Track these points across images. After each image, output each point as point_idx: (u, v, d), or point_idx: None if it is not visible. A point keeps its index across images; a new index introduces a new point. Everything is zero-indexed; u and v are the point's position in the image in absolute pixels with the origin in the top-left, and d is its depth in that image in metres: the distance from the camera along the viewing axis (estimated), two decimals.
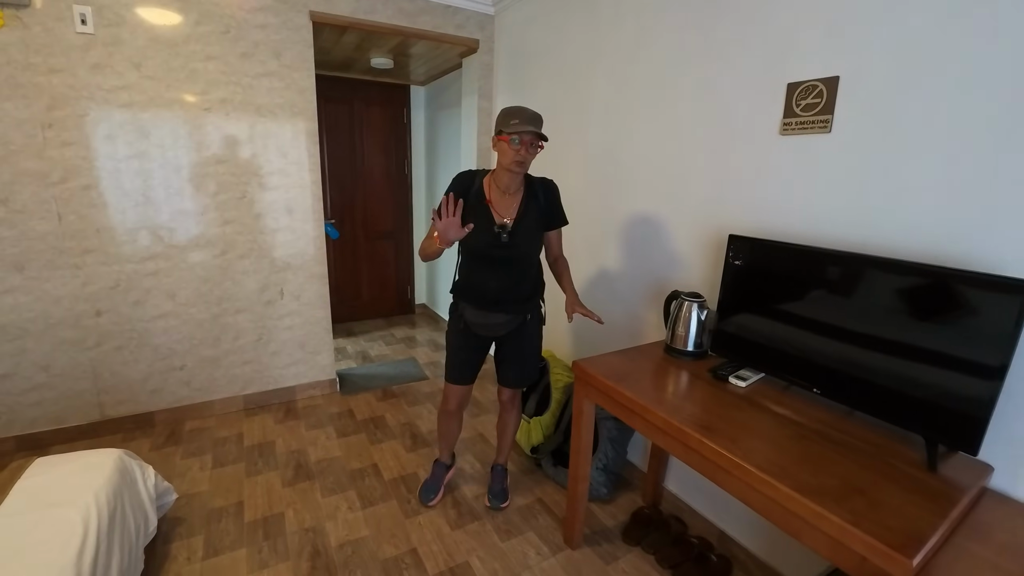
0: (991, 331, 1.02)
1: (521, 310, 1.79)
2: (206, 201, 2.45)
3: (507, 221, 1.64)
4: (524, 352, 1.86)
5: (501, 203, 1.66)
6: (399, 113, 4.21)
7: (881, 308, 1.21)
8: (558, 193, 1.77)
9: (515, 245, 1.65)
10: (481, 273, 1.72)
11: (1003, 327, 1.00)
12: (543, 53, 2.60)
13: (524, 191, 1.69)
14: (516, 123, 1.52)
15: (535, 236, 1.72)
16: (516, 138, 1.52)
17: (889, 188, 1.27)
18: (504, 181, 1.64)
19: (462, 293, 1.79)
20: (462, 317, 1.79)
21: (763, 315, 1.49)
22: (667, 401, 1.39)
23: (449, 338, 1.88)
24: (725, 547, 1.81)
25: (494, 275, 1.70)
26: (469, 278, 1.76)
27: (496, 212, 1.65)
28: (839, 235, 1.37)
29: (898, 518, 0.94)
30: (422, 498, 2.03)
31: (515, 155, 1.54)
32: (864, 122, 1.30)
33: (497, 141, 1.58)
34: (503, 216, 1.65)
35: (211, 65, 2.33)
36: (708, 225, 1.77)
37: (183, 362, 2.58)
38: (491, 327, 1.78)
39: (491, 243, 1.64)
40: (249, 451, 2.38)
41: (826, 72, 1.36)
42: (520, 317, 1.79)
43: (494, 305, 1.74)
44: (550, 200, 1.74)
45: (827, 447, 1.17)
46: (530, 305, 1.81)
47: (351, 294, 4.34)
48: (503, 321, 1.77)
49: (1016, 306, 0.98)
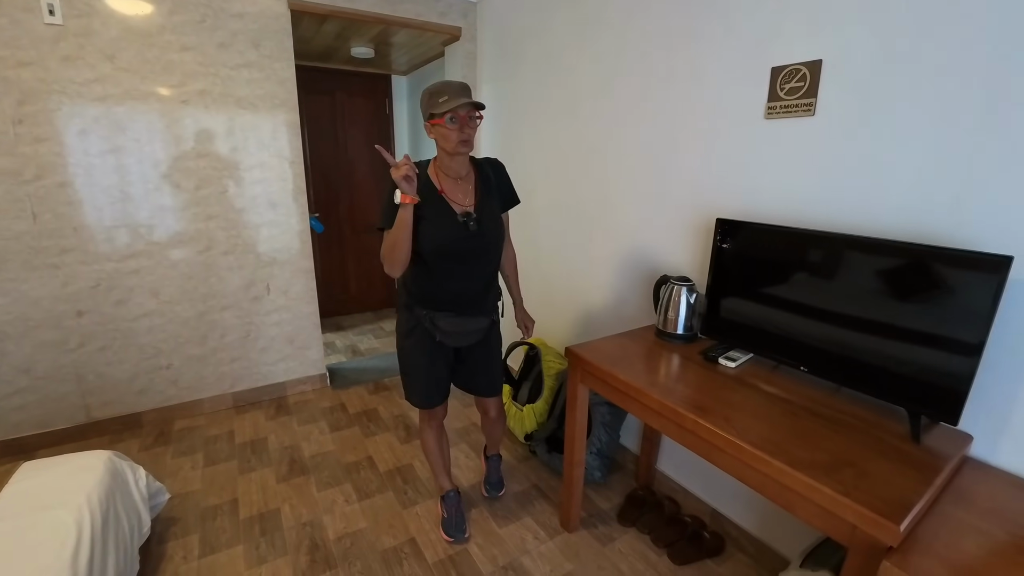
0: (970, 307, 1.06)
1: (493, 311, 1.67)
2: (187, 196, 2.40)
3: (469, 208, 1.49)
4: (493, 355, 1.74)
5: (456, 191, 1.50)
6: (382, 104, 4.15)
7: (864, 287, 1.25)
8: (506, 171, 1.65)
9: (485, 232, 1.50)
10: (451, 273, 1.52)
11: (981, 302, 1.04)
12: (528, 40, 2.58)
13: (476, 173, 1.56)
14: (445, 100, 1.34)
15: (500, 220, 1.59)
16: (451, 117, 1.36)
17: (872, 169, 1.29)
18: (452, 167, 1.48)
19: (429, 301, 1.56)
20: (435, 328, 1.57)
21: (751, 297, 1.52)
22: (661, 384, 1.42)
23: (412, 358, 1.64)
24: (718, 524, 1.86)
25: (467, 272, 1.53)
26: (438, 282, 1.53)
27: (453, 201, 1.48)
28: (824, 216, 1.40)
29: (886, 487, 0.97)
30: (455, 534, 1.80)
31: (458, 135, 1.38)
32: (847, 105, 1.32)
33: (432, 127, 1.41)
34: (462, 204, 1.49)
35: (187, 56, 2.27)
36: (696, 209, 1.79)
37: (169, 361, 2.54)
38: (469, 334, 1.61)
39: (459, 236, 1.46)
40: (241, 448, 2.36)
41: (809, 56, 1.38)
42: (491, 320, 1.67)
43: (473, 308, 1.59)
44: (500, 179, 1.62)
45: (817, 423, 1.20)
46: (496, 304, 1.69)
47: (338, 288, 4.30)
48: (482, 327, 1.64)
49: (993, 282, 1.02)
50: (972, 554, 0.88)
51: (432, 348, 1.62)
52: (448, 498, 1.87)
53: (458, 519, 1.84)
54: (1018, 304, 1.08)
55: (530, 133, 2.66)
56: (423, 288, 1.56)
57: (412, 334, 1.62)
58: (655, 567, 1.71)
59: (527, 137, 2.69)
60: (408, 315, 1.61)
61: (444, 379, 1.70)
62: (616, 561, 1.73)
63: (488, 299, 1.64)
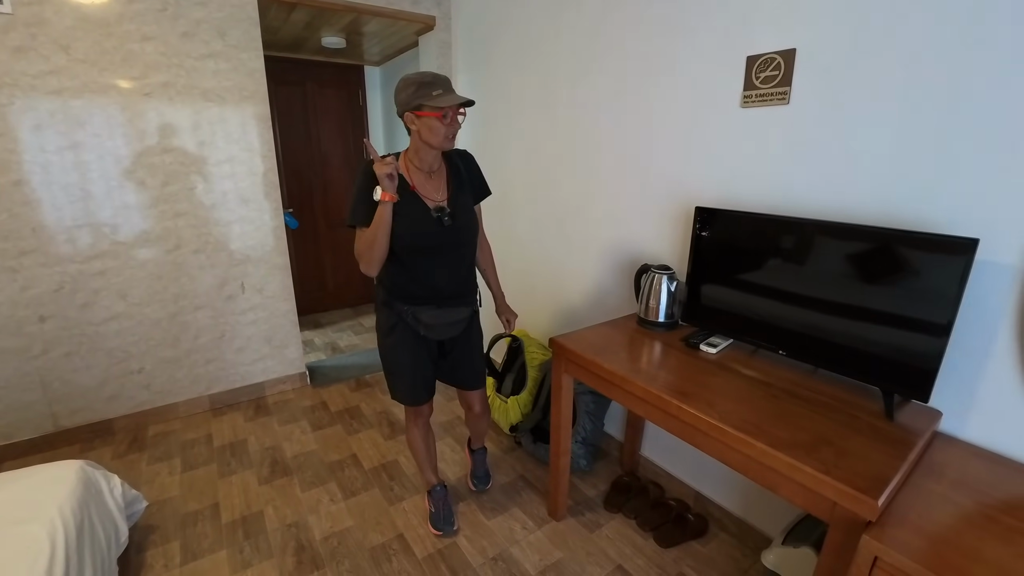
0: (938, 288, 1.10)
1: (472, 301, 1.66)
2: (153, 194, 2.31)
3: (442, 203, 1.48)
4: (475, 347, 1.72)
5: (427, 186, 1.47)
6: (354, 95, 4.06)
7: (838, 271, 1.28)
8: (476, 162, 1.63)
9: (459, 227, 1.49)
10: (427, 267, 1.50)
11: (949, 284, 1.08)
12: (503, 30, 2.55)
13: (447, 167, 1.54)
14: (440, 94, 1.33)
15: (472, 213, 1.57)
16: (449, 113, 1.35)
17: (844, 156, 1.33)
18: (427, 161, 1.46)
19: (408, 297, 1.54)
20: (418, 323, 1.55)
21: (730, 284, 1.55)
22: (644, 371, 1.43)
23: (397, 354, 1.61)
24: (701, 506, 1.90)
25: (442, 266, 1.52)
26: (415, 277, 1.51)
27: (425, 196, 1.46)
28: (800, 203, 1.43)
29: (863, 464, 1.01)
30: (443, 527, 1.81)
31: (447, 130, 1.37)
32: (820, 93, 1.35)
33: (417, 118, 1.36)
34: (434, 199, 1.47)
35: (149, 46, 2.17)
36: (675, 198, 1.80)
37: (141, 365, 2.45)
38: (451, 326, 1.61)
39: (433, 231, 1.45)
40: (220, 451, 2.31)
41: (783, 45, 1.40)
42: (471, 309, 1.66)
43: (452, 299, 1.58)
44: (471, 171, 1.59)
45: (796, 404, 1.24)
46: (475, 293, 1.67)
47: (316, 285, 4.22)
48: (464, 317, 1.63)
49: (960, 264, 1.06)
50: (944, 524, 0.92)
51: (415, 344, 1.60)
52: (435, 492, 1.86)
53: (446, 512, 1.84)
54: (984, 284, 1.12)
55: (506, 123, 2.64)
56: (401, 284, 1.54)
57: (393, 331, 1.59)
58: (642, 551, 1.74)
59: (503, 127, 2.67)
60: (388, 312, 1.58)
61: (429, 375, 1.69)
62: (604, 547, 1.76)
63: (466, 290, 1.63)
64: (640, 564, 1.69)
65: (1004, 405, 1.14)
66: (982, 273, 1.12)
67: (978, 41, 1.08)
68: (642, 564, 1.69)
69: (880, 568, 0.88)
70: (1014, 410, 1.13)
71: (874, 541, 0.87)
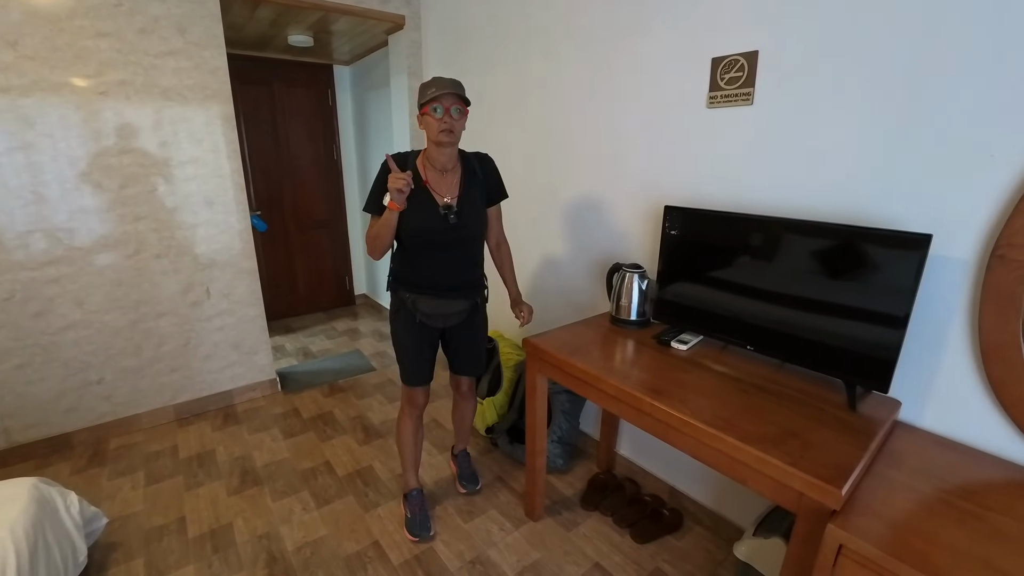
0: (895, 282, 1.14)
1: (474, 295, 1.71)
2: (111, 196, 2.21)
3: (450, 201, 1.54)
4: (477, 338, 1.79)
5: (440, 183, 1.55)
6: (324, 95, 3.99)
7: (801, 267, 1.31)
8: (495, 165, 1.70)
9: (463, 226, 1.56)
10: (431, 260, 1.59)
11: (905, 278, 1.12)
12: (475, 29, 2.54)
13: (462, 168, 1.61)
14: (433, 91, 1.42)
15: (481, 214, 1.64)
16: (437, 107, 1.42)
17: (806, 155, 1.36)
18: (439, 159, 1.53)
19: (411, 284, 1.63)
20: (416, 310, 1.63)
21: (699, 281, 1.57)
22: (617, 369, 1.44)
23: (399, 337, 1.70)
24: (676, 501, 1.93)
25: (445, 260, 1.60)
26: (418, 267, 1.61)
27: (436, 193, 1.54)
28: (765, 201, 1.47)
29: (828, 454, 1.03)
30: (420, 533, 1.78)
31: (439, 124, 1.44)
32: (782, 94, 1.38)
33: (421, 117, 1.49)
34: (444, 196, 1.55)
35: (104, 43, 2.09)
36: (646, 198, 1.83)
37: (100, 375, 2.35)
38: (448, 316, 1.67)
39: (439, 227, 1.53)
40: (186, 463, 2.23)
41: (747, 47, 1.43)
42: (472, 303, 1.71)
43: (450, 292, 1.64)
44: (488, 173, 1.66)
45: (764, 398, 1.26)
46: (480, 288, 1.74)
47: (286, 289, 4.13)
48: (462, 309, 1.68)
49: (915, 258, 1.10)
50: (905, 510, 0.95)
51: (416, 328, 1.68)
52: (412, 497, 1.85)
53: (422, 518, 1.82)
54: (938, 278, 1.17)
55: (477, 123, 2.63)
56: (406, 272, 1.64)
57: (398, 315, 1.69)
58: (618, 547, 1.75)
59: (474, 127, 2.66)
60: (395, 298, 1.69)
61: (429, 359, 1.74)
62: (581, 545, 1.76)
63: (467, 284, 1.68)
64: (617, 561, 1.70)
65: (958, 394, 1.19)
66: (936, 268, 1.16)
67: (931, 44, 1.12)
68: (619, 561, 1.70)
69: (845, 555, 0.90)
70: (968, 398, 1.18)
71: (839, 529, 0.90)
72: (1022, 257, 1.03)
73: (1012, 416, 1.11)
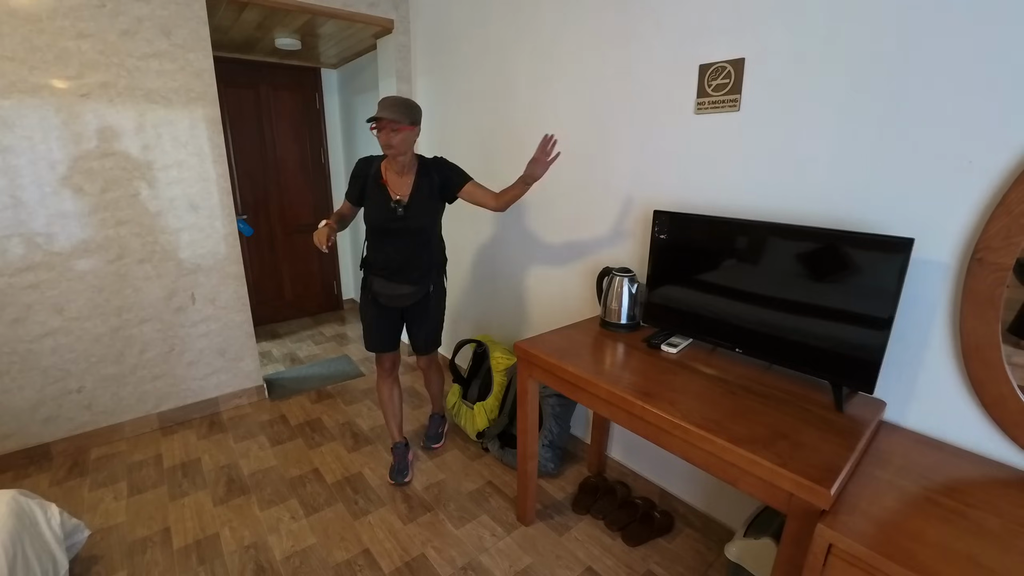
0: (879, 285, 1.16)
1: (422, 280, 1.96)
2: (92, 200, 2.17)
3: (401, 198, 1.83)
4: (429, 320, 2.05)
5: (397, 183, 1.85)
6: (311, 98, 3.96)
7: (787, 270, 1.34)
8: (447, 163, 1.92)
9: (409, 217, 1.83)
10: (383, 245, 1.90)
11: (888, 280, 1.14)
12: (463, 34, 2.55)
13: (417, 171, 1.87)
14: (373, 115, 1.72)
15: (429, 210, 1.89)
16: (375, 129, 1.74)
17: (791, 161, 1.39)
18: (393, 164, 1.84)
19: (370, 266, 1.97)
20: (371, 288, 1.97)
21: (687, 285, 1.59)
22: (608, 373, 1.45)
23: (363, 311, 2.05)
24: (667, 503, 1.94)
25: (393, 246, 1.89)
26: (374, 251, 1.93)
27: (392, 191, 1.84)
28: (751, 205, 1.49)
29: (816, 455, 1.05)
30: (396, 478, 2.09)
31: (379, 140, 1.75)
32: (768, 100, 1.41)
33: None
34: (397, 194, 1.84)
35: (85, 44, 2.05)
36: (635, 202, 1.84)
37: (81, 383, 2.30)
38: (397, 298, 1.96)
39: (388, 217, 1.83)
40: (171, 472, 2.18)
41: (733, 54, 1.45)
42: (424, 289, 1.97)
43: (398, 275, 1.92)
44: (440, 171, 1.89)
45: (753, 400, 1.28)
46: (431, 277, 1.99)
47: (273, 294, 4.08)
48: (408, 292, 1.95)
49: (898, 261, 1.13)
50: (892, 509, 0.97)
51: (373, 303, 2.00)
52: (397, 448, 2.16)
53: (402, 466, 2.12)
54: (920, 281, 1.20)
55: (466, 127, 2.64)
56: (368, 256, 1.97)
57: (363, 292, 2.03)
58: (610, 550, 1.76)
59: (463, 131, 2.67)
60: (364, 276, 2.01)
61: (387, 331, 2.05)
62: (573, 549, 1.76)
63: (413, 269, 1.93)
64: (609, 564, 1.70)
65: (941, 394, 1.22)
66: (918, 271, 1.19)
67: (909, 52, 1.15)
68: (611, 564, 1.70)
69: (835, 554, 0.91)
70: (950, 398, 1.20)
71: (828, 529, 0.91)
72: (999, 260, 1.06)
73: (992, 415, 1.13)
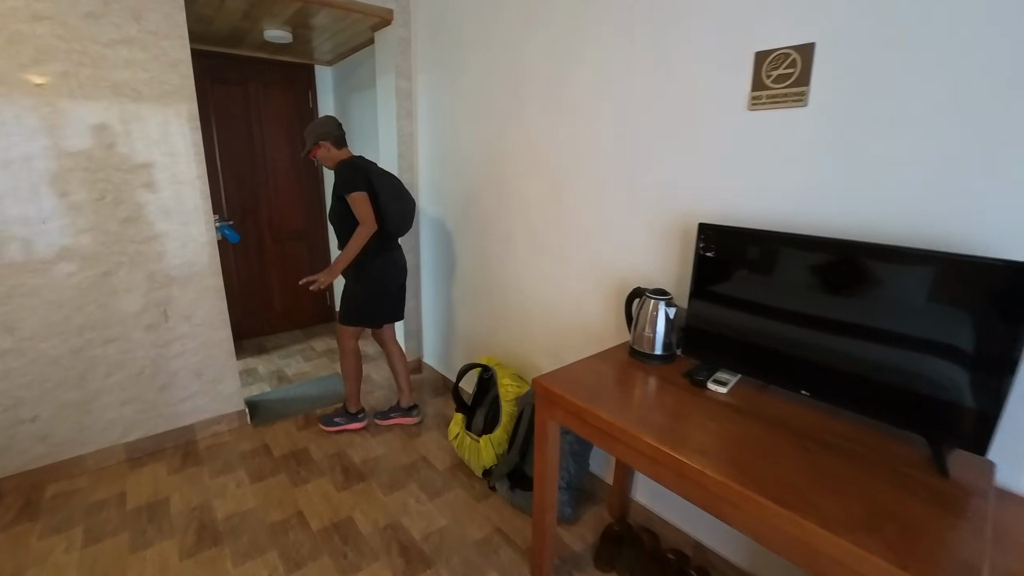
0: (1003, 320, 0.93)
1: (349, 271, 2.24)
2: (48, 206, 1.91)
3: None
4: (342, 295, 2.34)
5: None
6: (303, 96, 3.72)
7: (878, 297, 1.10)
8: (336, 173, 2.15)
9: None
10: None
11: (1016, 315, 0.91)
12: (469, 25, 2.31)
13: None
14: None
15: (332, 208, 2.22)
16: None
17: (873, 165, 1.15)
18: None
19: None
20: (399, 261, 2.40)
21: (740, 310, 1.35)
22: (648, 419, 1.20)
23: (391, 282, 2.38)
24: (703, 558, 1.69)
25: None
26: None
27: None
28: (819, 219, 1.25)
29: (940, 546, 0.81)
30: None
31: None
32: (844, 93, 1.17)
33: None
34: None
35: (41, 28, 1.80)
36: (669, 212, 1.60)
37: (35, 412, 2.03)
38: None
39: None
40: (134, 516, 1.92)
41: (799, 39, 1.22)
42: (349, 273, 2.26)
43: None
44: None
45: (833, 459, 1.04)
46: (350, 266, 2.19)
47: (261, 305, 3.81)
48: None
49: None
50: None
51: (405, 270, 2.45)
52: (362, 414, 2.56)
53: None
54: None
55: (472, 129, 2.39)
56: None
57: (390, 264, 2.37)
58: None
59: (468, 133, 2.42)
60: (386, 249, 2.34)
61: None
62: None
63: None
64: None
65: None
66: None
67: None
68: None
69: None
70: None
71: None
72: None
73: None
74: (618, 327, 1.82)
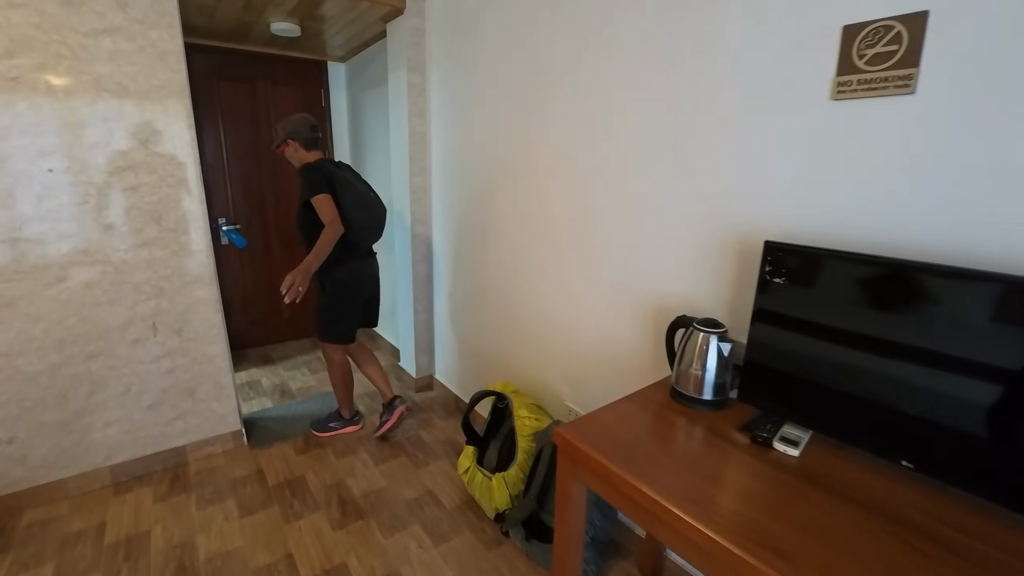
0: None
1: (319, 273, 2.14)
2: (24, 211, 1.75)
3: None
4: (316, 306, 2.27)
5: None
6: (315, 95, 3.54)
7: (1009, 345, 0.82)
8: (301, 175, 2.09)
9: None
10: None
11: None
12: (487, 13, 2.08)
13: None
14: None
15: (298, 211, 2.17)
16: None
17: (1003, 172, 0.87)
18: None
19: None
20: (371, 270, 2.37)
21: (817, 350, 1.08)
22: (707, 499, 0.93)
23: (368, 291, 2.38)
24: None
25: None
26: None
27: None
28: (928, 240, 0.97)
29: None
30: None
31: None
32: (965, 78, 0.90)
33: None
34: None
35: (16, 16, 1.64)
36: (722, 227, 1.33)
37: (12, 433, 1.87)
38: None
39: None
40: (111, 552, 1.74)
41: (907, 6, 0.94)
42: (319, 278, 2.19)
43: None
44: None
45: (945, 558, 0.77)
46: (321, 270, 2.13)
47: (268, 312, 3.65)
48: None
49: None
50: None
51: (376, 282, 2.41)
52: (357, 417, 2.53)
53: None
54: None
55: (489, 127, 2.16)
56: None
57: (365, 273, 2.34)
58: None
59: (485, 132, 2.19)
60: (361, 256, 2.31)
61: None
62: None
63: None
64: None
65: None
66: None
67: None
68: None
69: None
70: None
71: None
72: None
73: None
74: (655, 360, 1.56)
